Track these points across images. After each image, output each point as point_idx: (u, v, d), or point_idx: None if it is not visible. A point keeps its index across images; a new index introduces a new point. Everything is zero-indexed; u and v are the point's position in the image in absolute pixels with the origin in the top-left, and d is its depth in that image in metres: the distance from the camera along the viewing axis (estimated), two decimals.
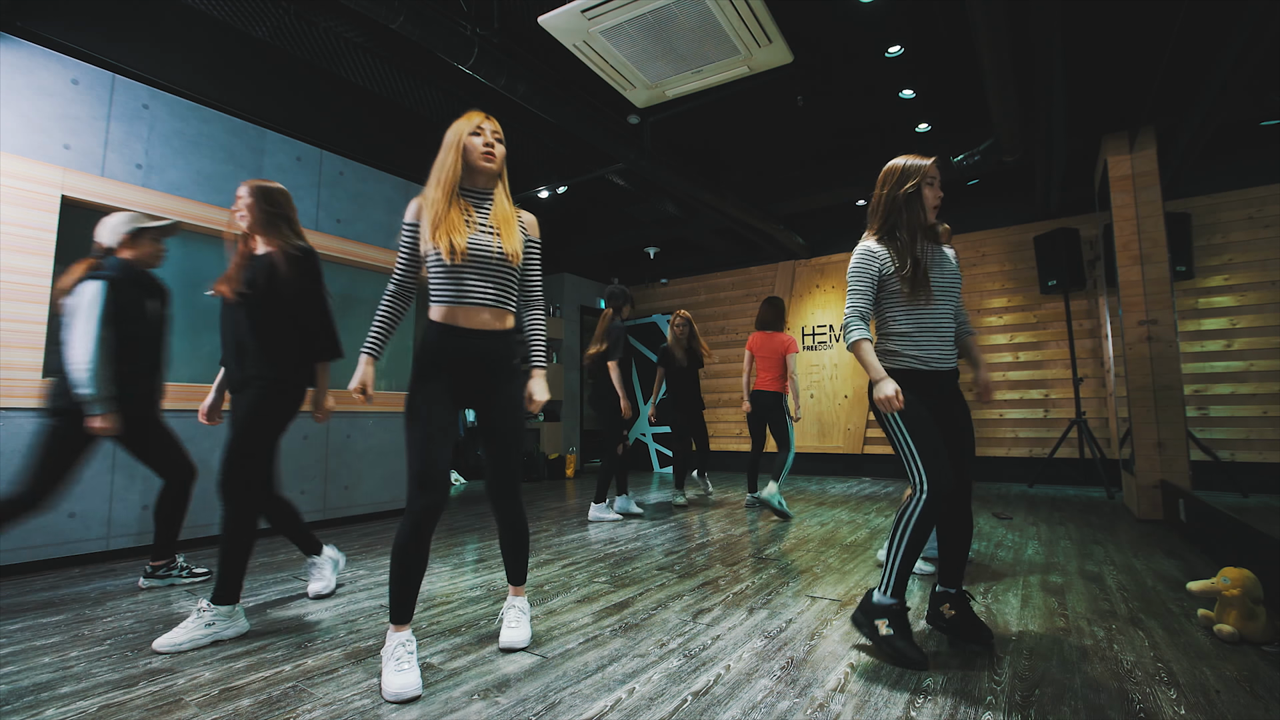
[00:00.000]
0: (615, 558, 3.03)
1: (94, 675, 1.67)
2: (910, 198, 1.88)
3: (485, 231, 1.74)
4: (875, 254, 1.88)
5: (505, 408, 1.81)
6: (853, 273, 1.90)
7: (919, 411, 1.81)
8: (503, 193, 1.82)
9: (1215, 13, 3.24)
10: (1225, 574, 1.92)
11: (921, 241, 1.89)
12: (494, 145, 1.79)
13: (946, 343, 1.90)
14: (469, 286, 1.72)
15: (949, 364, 1.90)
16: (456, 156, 1.75)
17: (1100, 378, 5.63)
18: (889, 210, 1.91)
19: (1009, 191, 6.00)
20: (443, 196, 1.72)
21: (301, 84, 4.03)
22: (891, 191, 1.90)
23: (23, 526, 2.75)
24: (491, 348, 1.76)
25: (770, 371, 4.49)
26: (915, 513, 1.76)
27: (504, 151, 1.82)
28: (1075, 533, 3.52)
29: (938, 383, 1.88)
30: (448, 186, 1.72)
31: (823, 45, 3.84)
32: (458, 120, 1.80)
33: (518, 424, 1.85)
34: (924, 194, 1.88)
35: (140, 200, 3.21)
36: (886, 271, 1.87)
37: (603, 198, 6.23)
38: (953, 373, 1.92)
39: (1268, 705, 1.46)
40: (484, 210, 1.79)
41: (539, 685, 1.59)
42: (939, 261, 1.92)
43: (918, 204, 1.88)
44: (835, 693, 1.55)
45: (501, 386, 1.81)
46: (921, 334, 1.86)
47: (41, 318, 2.85)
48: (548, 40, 3.48)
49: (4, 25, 2.87)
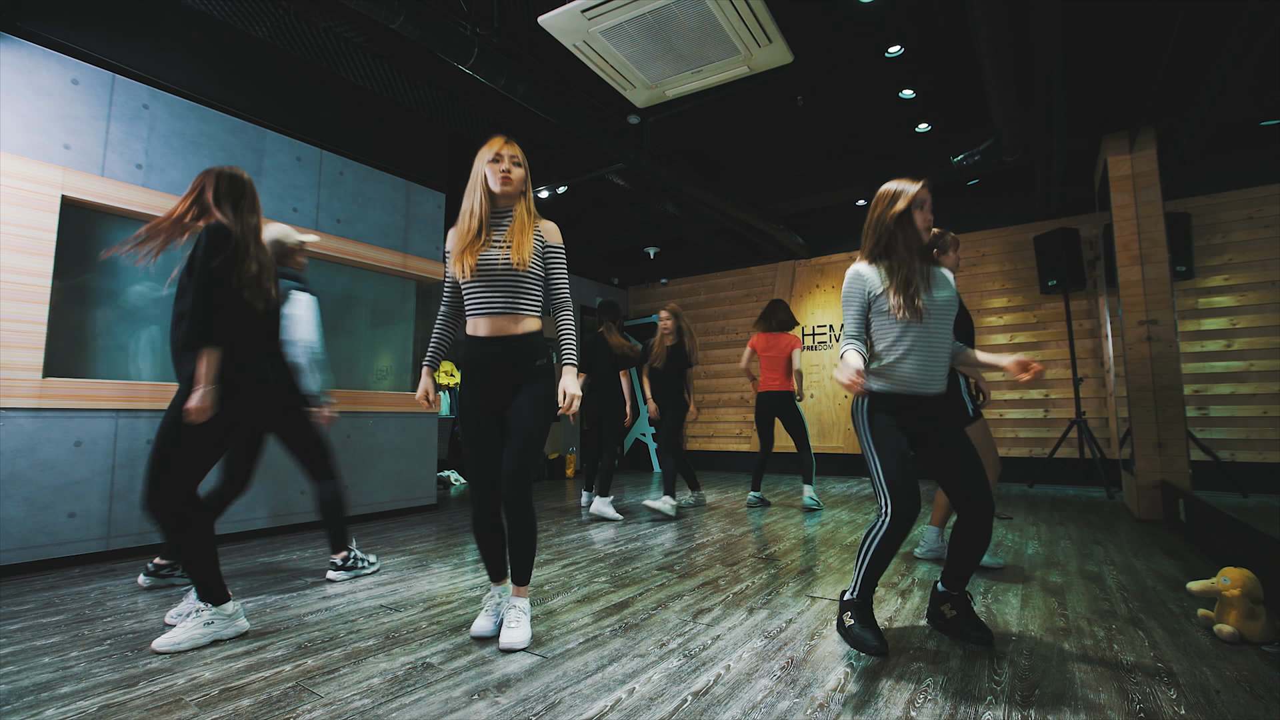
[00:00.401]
0: (615, 558, 3.03)
1: (94, 675, 1.67)
2: (900, 219, 1.88)
3: (496, 247, 1.90)
4: (863, 277, 1.91)
5: (521, 407, 1.91)
6: (843, 299, 1.95)
7: (892, 436, 1.83)
8: (523, 207, 1.97)
9: (1215, 13, 3.24)
10: (1225, 574, 1.92)
11: (914, 263, 1.90)
12: (510, 170, 1.93)
13: (936, 366, 1.88)
14: (481, 297, 1.91)
15: (935, 388, 1.88)
16: (482, 193, 1.93)
17: (1100, 378, 5.63)
18: (879, 232, 1.92)
19: (1009, 191, 6.00)
20: (468, 230, 1.92)
21: (301, 84, 4.03)
22: (882, 214, 1.92)
23: (23, 526, 2.76)
24: (508, 350, 1.92)
25: (777, 371, 4.52)
26: (879, 535, 1.81)
27: (522, 174, 1.97)
28: (1075, 533, 3.52)
29: (922, 407, 1.87)
30: (475, 218, 1.92)
31: (823, 45, 3.84)
32: (482, 148, 1.97)
33: (533, 424, 1.89)
34: (914, 217, 1.88)
35: (140, 200, 3.21)
36: (875, 292, 1.89)
37: (603, 198, 6.24)
38: (939, 398, 1.91)
39: (1268, 705, 1.46)
40: (503, 227, 1.94)
41: (539, 685, 1.60)
42: (935, 283, 1.92)
43: (909, 226, 1.88)
44: (835, 693, 1.55)
45: (522, 387, 1.92)
46: (910, 354, 1.85)
47: (42, 318, 2.85)
48: (548, 40, 3.48)
49: (4, 25, 2.87)
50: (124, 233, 3.29)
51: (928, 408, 1.89)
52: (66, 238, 3.04)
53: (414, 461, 4.48)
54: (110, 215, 3.23)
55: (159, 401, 3.19)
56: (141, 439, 3.15)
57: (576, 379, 1.96)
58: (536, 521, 1.95)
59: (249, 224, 2.09)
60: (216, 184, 2.10)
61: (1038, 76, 3.61)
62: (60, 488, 2.88)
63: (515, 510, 1.89)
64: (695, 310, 8.13)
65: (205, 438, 1.93)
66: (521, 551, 1.93)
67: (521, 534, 1.91)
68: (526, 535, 1.92)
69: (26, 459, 2.79)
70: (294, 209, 3.89)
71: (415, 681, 1.62)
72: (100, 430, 3.02)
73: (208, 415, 1.88)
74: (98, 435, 3.01)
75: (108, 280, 3.24)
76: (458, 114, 4.60)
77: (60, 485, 2.88)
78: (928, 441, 1.89)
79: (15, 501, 2.74)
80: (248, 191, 2.14)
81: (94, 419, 3.00)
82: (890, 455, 1.81)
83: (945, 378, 1.91)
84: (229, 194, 2.09)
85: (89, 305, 3.17)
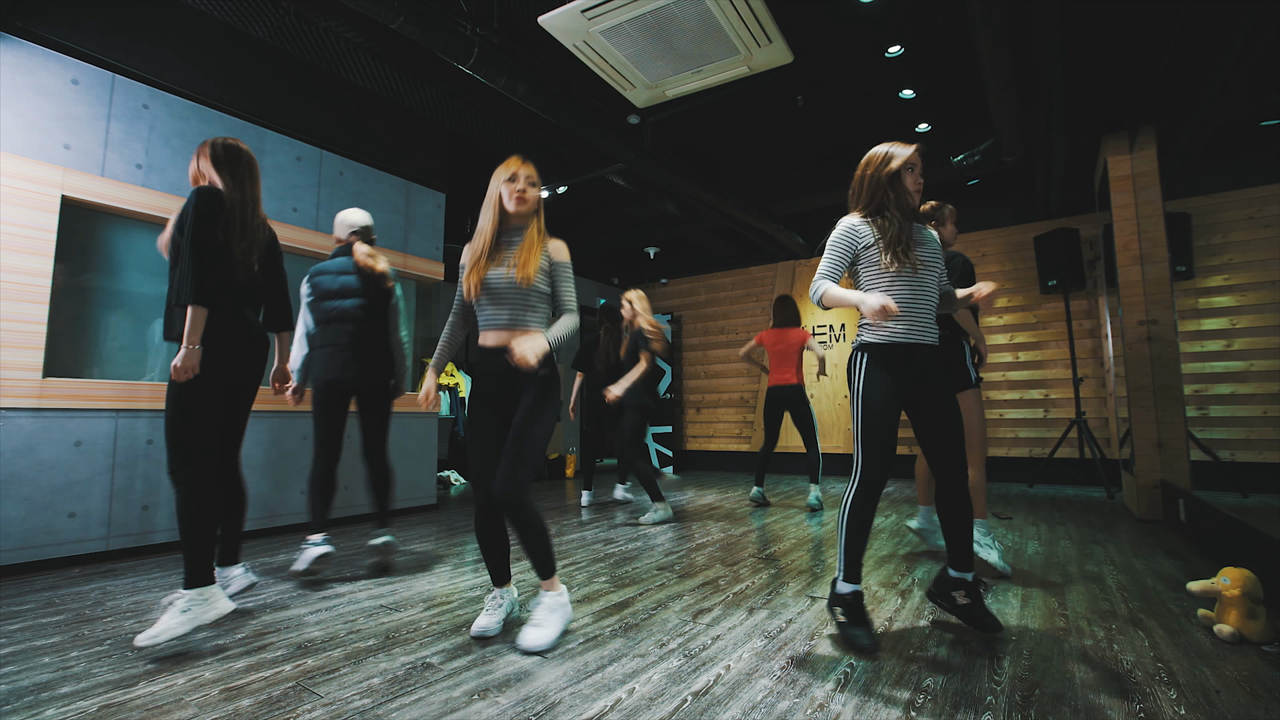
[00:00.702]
0: (615, 558, 3.03)
1: (94, 675, 1.67)
2: (893, 178, 1.92)
3: (503, 265, 1.95)
4: (856, 229, 1.93)
5: (521, 410, 1.93)
6: (832, 244, 1.95)
7: (883, 399, 1.87)
8: (535, 226, 2.01)
9: (1215, 13, 3.24)
10: (1225, 574, 1.92)
11: (904, 220, 1.94)
12: (525, 190, 1.96)
13: (928, 316, 1.94)
14: (488, 313, 1.97)
15: (930, 338, 1.94)
16: (495, 212, 1.97)
17: (1100, 378, 5.63)
18: (872, 189, 1.95)
19: (1009, 191, 6.00)
20: (479, 250, 1.96)
21: (301, 84, 4.03)
22: (875, 173, 1.95)
23: (23, 526, 2.76)
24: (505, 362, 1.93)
25: (788, 366, 4.51)
26: (850, 499, 1.90)
27: (536, 194, 2.01)
28: (1075, 533, 3.52)
29: (918, 358, 1.91)
30: (485, 237, 1.96)
31: (823, 45, 3.84)
32: (499, 167, 2.00)
33: (530, 430, 1.90)
34: (904, 178, 1.93)
35: (140, 200, 3.21)
36: (867, 244, 1.91)
37: (603, 198, 6.23)
38: (934, 349, 1.96)
39: (1268, 705, 1.46)
40: (514, 245, 1.99)
41: (539, 685, 1.60)
42: (921, 240, 1.98)
43: (900, 187, 1.93)
44: (835, 693, 1.55)
45: (524, 393, 1.95)
46: (906, 305, 1.90)
47: (41, 318, 2.86)
48: (548, 40, 3.48)
49: (4, 25, 2.87)
50: (124, 233, 3.29)
51: (924, 358, 1.92)
52: (66, 238, 3.04)
53: (414, 461, 4.48)
54: (110, 215, 3.23)
55: (159, 401, 3.19)
56: (141, 439, 3.15)
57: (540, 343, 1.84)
58: (539, 515, 1.94)
59: (248, 193, 2.13)
60: (211, 150, 2.13)
61: (1038, 76, 3.61)
62: (60, 488, 2.88)
63: (510, 510, 1.88)
64: (695, 310, 8.13)
65: (202, 398, 1.95)
66: (531, 546, 1.92)
67: (525, 530, 1.91)
68: (530, 529, 1.91)
69: (26, 459, 2.79)
70: (294, 209, 3.89)
71: (415, 681, 1.62)
72: (100, 430, 3.02)
73: (192, 374, 1.91)
74: (98, 435, 3.01)
75: (108, 280, 3.24)
76: (458, 114, 4.60)
77: (60, 485, 2.88)
78: (920, 404, 1.93)
79: (15, 501, 2.75)
80: (244, 159, 2.16)
81: (94, 419, 3.00)
82: (874, 419, 1.87)
83: (935, 327, 1.97)
84: (226, 161, 2.13)
85: (89, 305, 3.17)
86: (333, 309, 2.77)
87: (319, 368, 2.75)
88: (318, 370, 2.75)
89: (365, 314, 2.79)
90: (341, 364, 2.73)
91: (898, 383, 1.88)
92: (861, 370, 1.91)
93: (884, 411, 1.87)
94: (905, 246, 1.89)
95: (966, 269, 2.70)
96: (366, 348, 2.78)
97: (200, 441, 1.97)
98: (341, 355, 2.73)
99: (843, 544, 1.91)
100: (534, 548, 1.92)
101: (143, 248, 3.34)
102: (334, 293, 2.78)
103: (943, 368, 2.41)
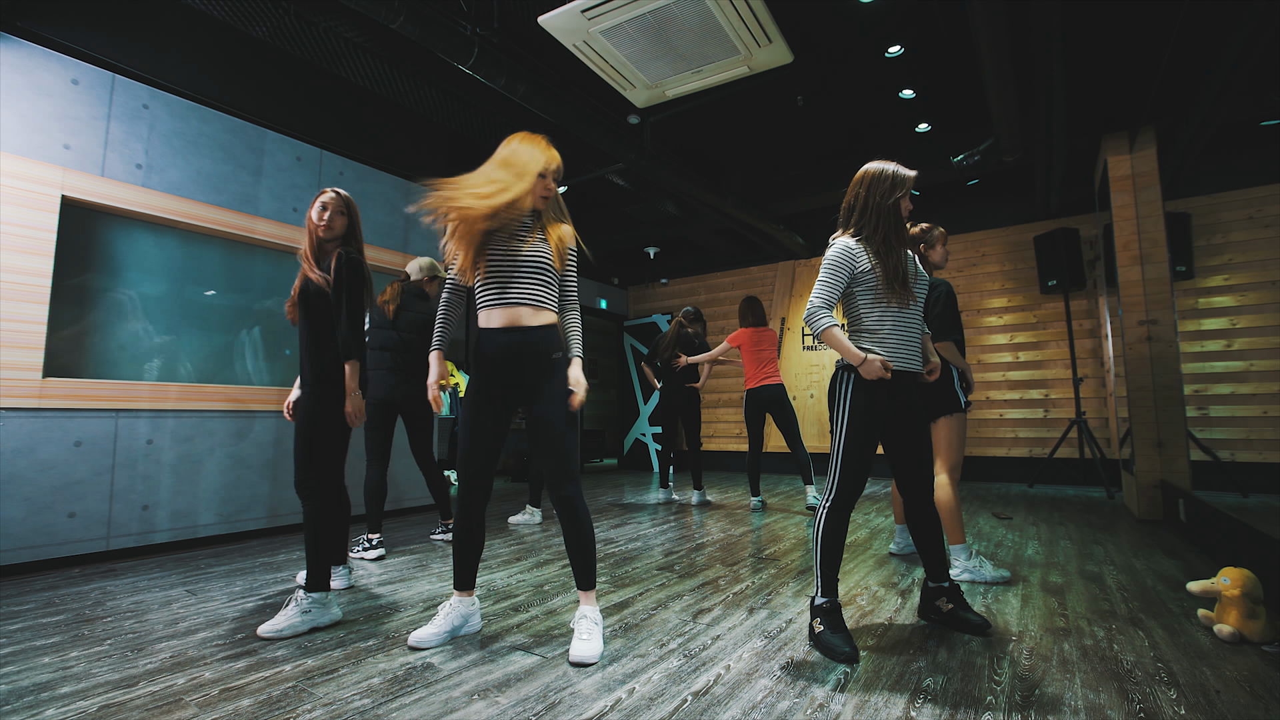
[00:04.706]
0: (615, 558, 3.03)
1: (94, 675, 1.67)
2: (894, 207, 1.92)
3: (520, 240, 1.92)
4: (854, 253, 1.91)
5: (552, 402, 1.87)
6: (829, 266, 1.91)
7: (865, 423, 1.88)
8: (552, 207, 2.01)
9: (1215, 13, 3.24)
10: (1225, 574, 1.92)
11: (902, 249, 1.95)
12: (552, 185, 1.95)
13: (914, 345, 1.96)
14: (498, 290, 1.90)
15: (914, 366, 1.97)
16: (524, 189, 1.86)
17: (1100, 378, 5.63)
18: (876, 216, 1.92)
19: (1009, 191, 6.00)
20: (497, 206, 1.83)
21: (301, 84, 4.03)
22: (881, 200, 1.92)
23: (23, 526, 2.76)
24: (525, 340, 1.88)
25: (769, 365, 4.48)
26: (823, 515, 1.89)
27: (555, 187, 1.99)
28: (1075, 533, 3.52)
29: (901, 384, 1.93)
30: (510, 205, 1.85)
31: (823, 45, 3.84)
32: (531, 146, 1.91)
33: (569, 418, 1.87)
34: (901, 205, 1.93)
35: (140, 200, 3.21)
36: (864, 269, 1.90)
37: (603, 198, 6.24)
38: (915, 375, 2.00)
39: (1268, 705, 1.46)
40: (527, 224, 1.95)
41: (539, 685, 1.60)
42: (913, 269, 2.01)
43: (900, 214, 1.93)
44: (835, 693, 1.55)
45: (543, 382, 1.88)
46: (893, 334, 1.92)
47: (42, 318, 2.85)
48: (548, 40, 3.48)
49: (4, 25, 2.87)
50: (124, 233, 3.29)
51: (905, 383, 1.95)
52: (66, 238, 3.03)
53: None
54: (110, 215, 3.23)
55: (159, 402, 3.20)
56: (141, 439, 3.15)
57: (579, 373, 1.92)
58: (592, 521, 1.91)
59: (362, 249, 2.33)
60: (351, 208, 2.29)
61: (1038, 76, 3.61)
62: (60, 488, 2.88)
63: (568, 505, 1.84)
64: None
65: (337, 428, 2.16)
66: (584, 551, 1.86)
67: (580, 532, 1.85)
68: (585, 533, 1.86)
69: (26, 459, 2.79)
70: (294, 209, 3.89)
71: (415, 681, 1.62)
72: (100, 430, 3.02)
73: (362, 419, 2.18)
74: (97, 435, 3.01)
75: (108, 280, 3.24)
76: (458, 114, 4.60)
77: (60, 485, 2.88)
78: (894, 425, 1.95)
79: (15, 501, 2.75)
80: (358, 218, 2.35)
81: (94, 419, 3.00)
82: (855, 440, 1.88)
83: (919, 355, 1.99)
84: (357, 223, 2.32)
85: (89, 305, 3.17)
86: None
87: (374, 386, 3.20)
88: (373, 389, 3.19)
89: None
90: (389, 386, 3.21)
91: (881, 405, 1.90)
92: (847, 392, 1.91)
93: (867, 433, 1.88)
94: (904, 281, 1.90)
95: (949, 302, 2.65)
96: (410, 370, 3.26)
97: (337, 462, 2.18)
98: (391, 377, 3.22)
99: (818, 560, 1.89)
100: (588, 552, 1.87)
101: (142, 248, 3.35)
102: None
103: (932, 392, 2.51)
